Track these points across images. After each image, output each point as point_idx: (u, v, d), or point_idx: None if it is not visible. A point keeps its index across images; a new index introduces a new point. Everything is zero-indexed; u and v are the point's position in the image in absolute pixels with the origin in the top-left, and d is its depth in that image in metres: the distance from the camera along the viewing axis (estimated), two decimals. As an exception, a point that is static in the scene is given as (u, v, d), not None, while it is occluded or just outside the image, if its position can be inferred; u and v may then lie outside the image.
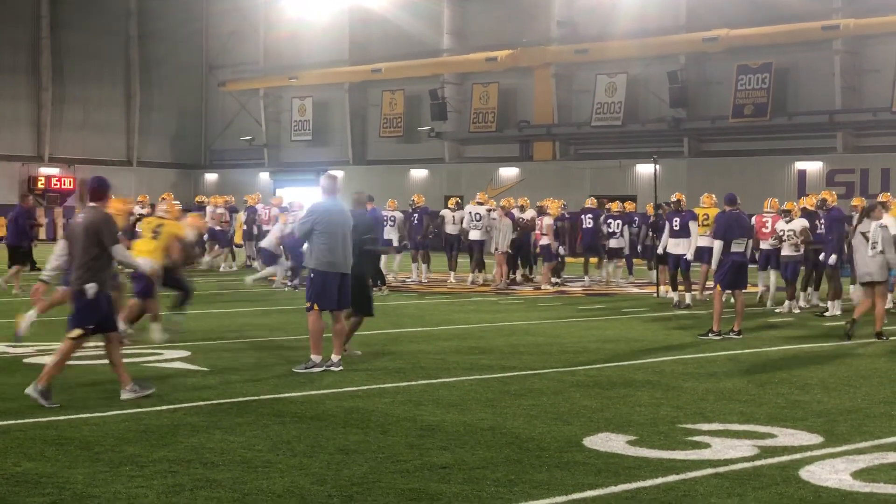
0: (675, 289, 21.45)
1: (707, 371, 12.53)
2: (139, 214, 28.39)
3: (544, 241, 25.95)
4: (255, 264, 31.78)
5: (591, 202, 28.45)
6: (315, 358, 12.24)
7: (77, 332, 10.19)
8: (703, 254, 20.35)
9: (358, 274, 12.83)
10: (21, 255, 23.47)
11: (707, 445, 8.50)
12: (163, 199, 22.39)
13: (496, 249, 26.20)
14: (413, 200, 29.52)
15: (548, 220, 25.98)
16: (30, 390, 9.94)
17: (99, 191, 10.54)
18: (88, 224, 10.22)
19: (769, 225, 20.90)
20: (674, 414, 9.80)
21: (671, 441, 8.65)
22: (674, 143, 46.30)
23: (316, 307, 12.35)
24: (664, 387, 11.33)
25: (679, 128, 45.41)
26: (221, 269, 31.64)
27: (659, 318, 19.30)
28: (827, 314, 19.40)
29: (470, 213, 27.50)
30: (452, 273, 27.69)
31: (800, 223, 20.22)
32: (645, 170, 45.95)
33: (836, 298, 19.66)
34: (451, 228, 28.08)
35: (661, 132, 46.16)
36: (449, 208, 28.74)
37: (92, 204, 10.50)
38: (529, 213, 27.27)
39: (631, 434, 8.86)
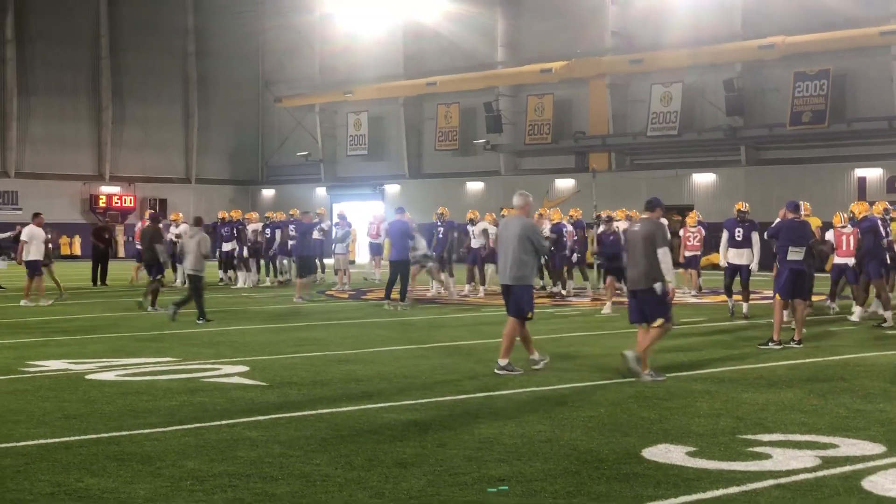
0: (729, 296, 21.24)
1: (767, 381, 12.41)
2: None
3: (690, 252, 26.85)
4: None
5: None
6: (501, 361, 13.25)
7: (660, 321, 12.61)
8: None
9: None
10: (312, 266, 25.91)
11: (768, 456, 8.41)
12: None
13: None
14: (441, 213, 29.58)
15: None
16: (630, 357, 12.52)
17: (651, 205, 13.11)
18: (646, 232, 12.61)
19: (846, 240, 20.57)
20: (734, 425, 9.71)
21: (731, 452, 8.57)
22: (731, 151, 46.02)
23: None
24: (724, 397, 11.23)
25: (736, 136, 45.11)
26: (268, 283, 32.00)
27: (717, 327, 19.14)
28: (885, 325, 19.09)
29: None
30: (482, 287, 27.86)
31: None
32: (702, 179, 45.76)
33: (886, 309, 19.44)
34: (474, 242, 28.17)
35: (718, 141, 45.88)
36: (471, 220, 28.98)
37: (645, 216, 13.11)
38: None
39: (690, 445, 8.79)
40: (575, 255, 27.44)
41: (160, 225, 24.70)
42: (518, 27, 53.29)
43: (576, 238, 27.51)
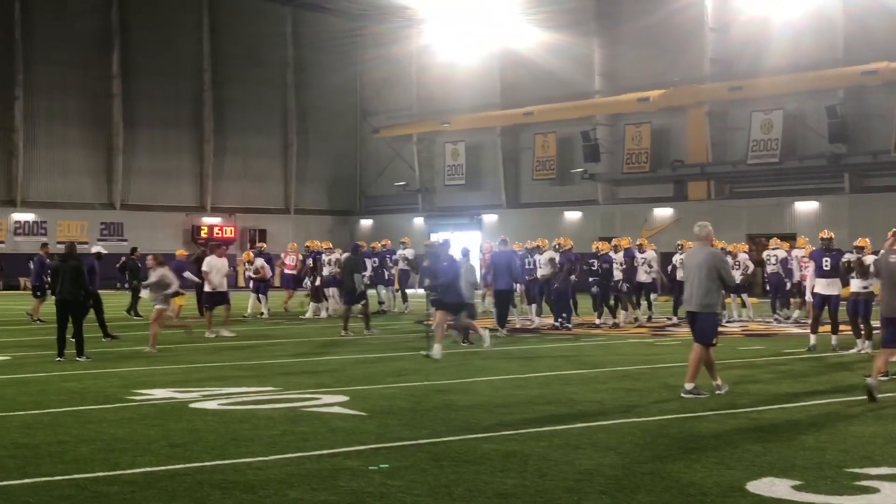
0: (814, 331, 20.60)
1: (874, 413, 12.15)
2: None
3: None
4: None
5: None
6: (688, 385, 13.68)
7: None
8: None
9: None
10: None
11: (876, 490, 8.23)
12: None
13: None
14: (503, 240, 29.48)
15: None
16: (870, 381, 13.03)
17: None
18: None
19: None
20: (840, 457, 9.52)
21: (838, 486, 8.40)
22: (834, 179, 45.28)
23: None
24: (829, 429, 11.02)
25: (839, 163, 44.38)
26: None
27: (820, 358, 18.79)
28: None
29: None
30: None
31: (870, 259, 19.28)
32: (805, 207, 45.08)
33: None
34: (540, 271, 27.51)
35: (821, 168, 45.18)
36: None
37: None
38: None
39: (796, 478, 8.63)
40: (624, 284, 27.38)
41: (362, 254, 26.09)
42: (615, 56, 53.14)
43: (624, 267, 27.42)
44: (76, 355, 18.55)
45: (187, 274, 28.46)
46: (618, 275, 27.22)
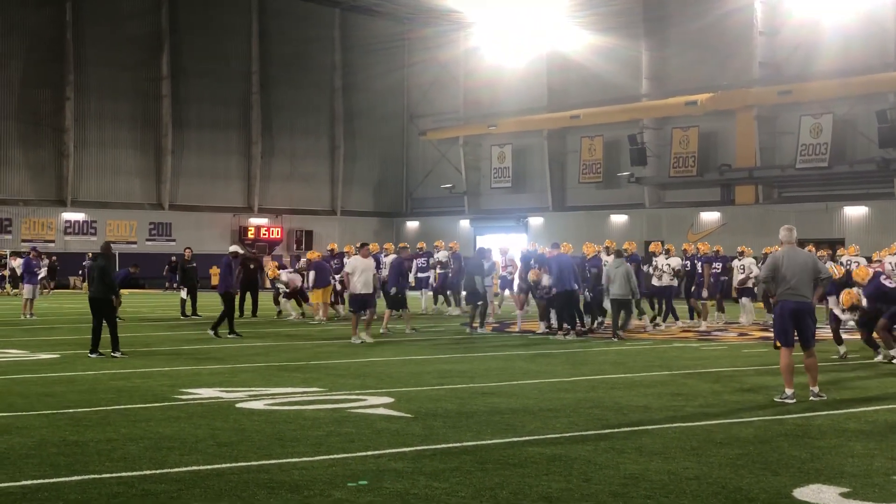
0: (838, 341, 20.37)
1: (924, 421, 12.03)
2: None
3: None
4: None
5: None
6: (787, 391, 13.54)
7: None
8: None
9: None
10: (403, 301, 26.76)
11: (925, 499, 8.15)
12: None
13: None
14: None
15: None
16: None
17: None
18: None
19: None
20: (889, 465, 9.43)
21: (887, 493, 8.33)
22: (884, 183, 44.88)
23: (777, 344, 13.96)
24: (878, 436, 10.92)
25: (889, 168, 43.99)
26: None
27: (871, 364, 18.62)
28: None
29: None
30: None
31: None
32: (854, 212, 44.69)
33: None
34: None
35: (870, 173, 44.81)
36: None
37: None
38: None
39: (844, 486, 8.56)
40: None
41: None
42: (663, 59, 52.94)
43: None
44: (111, 352, 18.91)
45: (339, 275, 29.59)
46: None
